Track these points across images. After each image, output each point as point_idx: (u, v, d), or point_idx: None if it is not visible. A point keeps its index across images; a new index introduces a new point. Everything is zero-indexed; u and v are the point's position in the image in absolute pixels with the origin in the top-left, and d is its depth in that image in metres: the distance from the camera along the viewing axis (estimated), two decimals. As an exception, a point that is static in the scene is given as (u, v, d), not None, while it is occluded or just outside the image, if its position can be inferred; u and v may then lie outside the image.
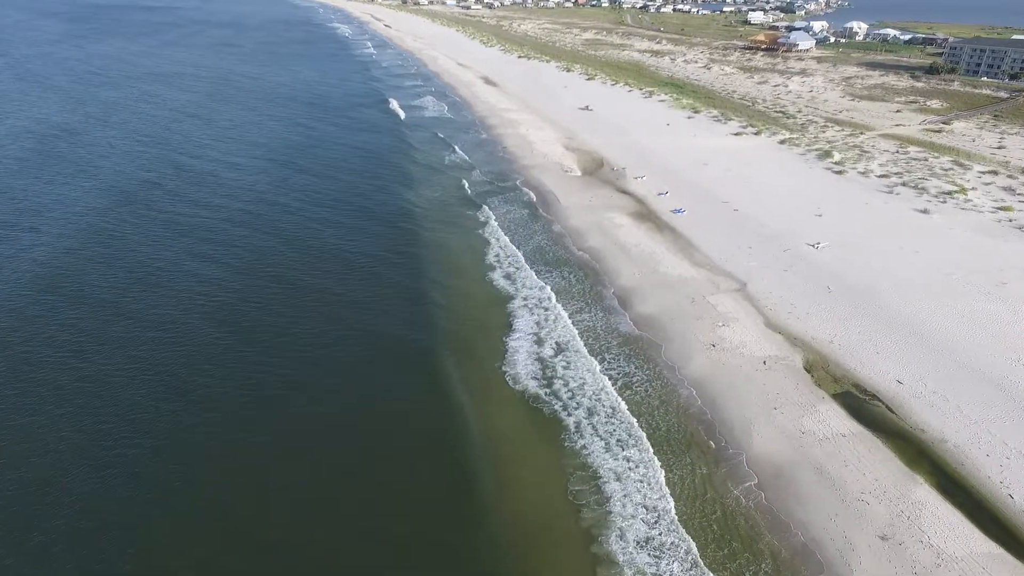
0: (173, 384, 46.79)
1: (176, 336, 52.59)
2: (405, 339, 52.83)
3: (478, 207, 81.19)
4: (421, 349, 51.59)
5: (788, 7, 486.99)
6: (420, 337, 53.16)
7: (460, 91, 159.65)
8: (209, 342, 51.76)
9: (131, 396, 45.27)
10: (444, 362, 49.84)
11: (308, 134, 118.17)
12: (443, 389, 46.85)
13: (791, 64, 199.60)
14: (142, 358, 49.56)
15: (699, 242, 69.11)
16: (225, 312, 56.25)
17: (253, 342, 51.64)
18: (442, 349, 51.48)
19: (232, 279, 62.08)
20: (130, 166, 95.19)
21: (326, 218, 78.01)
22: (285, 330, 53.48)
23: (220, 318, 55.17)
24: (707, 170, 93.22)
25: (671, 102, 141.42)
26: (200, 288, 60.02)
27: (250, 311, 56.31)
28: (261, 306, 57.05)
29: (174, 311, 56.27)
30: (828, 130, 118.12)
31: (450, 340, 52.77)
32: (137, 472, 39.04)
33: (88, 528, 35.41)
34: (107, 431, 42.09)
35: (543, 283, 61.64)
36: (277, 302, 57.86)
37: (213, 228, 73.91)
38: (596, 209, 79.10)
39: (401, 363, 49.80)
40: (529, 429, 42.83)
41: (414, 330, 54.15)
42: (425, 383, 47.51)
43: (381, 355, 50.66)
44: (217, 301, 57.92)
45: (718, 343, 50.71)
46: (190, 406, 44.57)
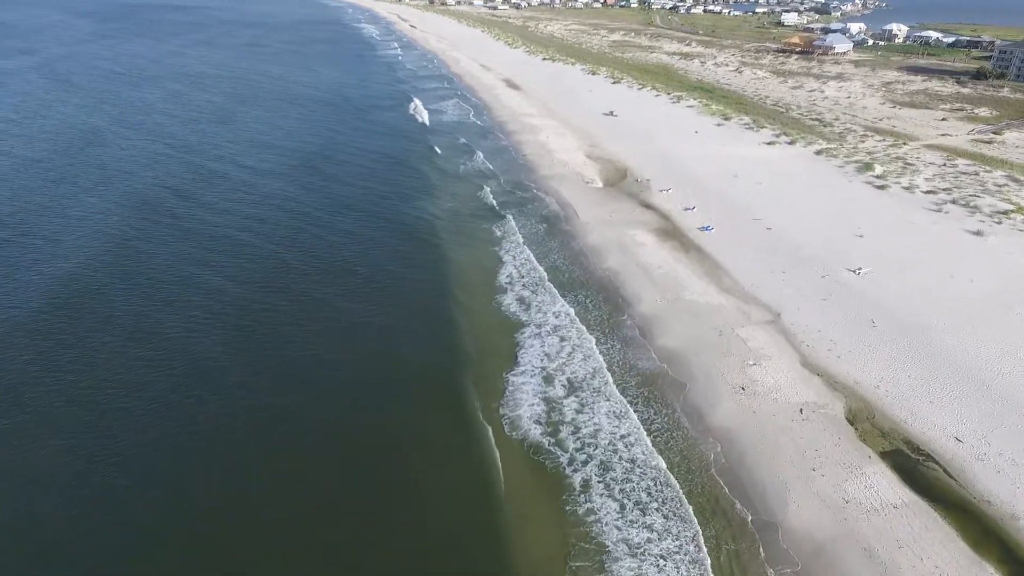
0: (181, 396, 43.66)
1: (185, 350, 49.89)
2: (402, 366, 48.47)
3: (492, 220, 76.59)
4: (416, 381, 47.18)
5: (823, 8, 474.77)
6: (417, 368, 48.73)
7: (481, 94, 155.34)
8: (210, 359, 48.29)
9: (135, 408, 41.82)
10: (436, 399, 45.30)
11: (330, 137, 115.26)
12: (441, 428, 42.38)
13: (827, 68, 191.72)
14: (148, 370, 46.54)
15: (728, 264, 63.63)
16: (228, 328, 52.83)
17: (247, 363, 47.77)
18: (437, 382, 46.98)
19: (239, 292, 58.98)
20: (153, 171, 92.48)
21: (341, 228, 74.73)
22: (276, 351, 49.57)
23: (222, 334, 51.63)
24: (737, 183, 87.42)
25: (700, 108, 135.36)
26: (205, 302, 57.08)
27: (251, 325, 52.73)
28: (258, 322, 53.24)
29: (180, 322, 53.80)
30: (868, 140, 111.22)
31: (450, 370, 48.27)
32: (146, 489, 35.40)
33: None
34: (113, 446, 38.73)
35: (557, 308, 56.82)
36: (278, 320, 54.00)
37: (229, 238, 71.00)
38: (617, 225, 73.97)
39: (393, 396, 45.45)
40: (530, 483, 38.05)
41: (412, 358, 49.76)
42: (418, 421, 43.09)
43: (379, 384, 46.39)
44: (221, 316, 54.49)
45: (748, 385, 45.39)
46: (192, 425, 40.91)
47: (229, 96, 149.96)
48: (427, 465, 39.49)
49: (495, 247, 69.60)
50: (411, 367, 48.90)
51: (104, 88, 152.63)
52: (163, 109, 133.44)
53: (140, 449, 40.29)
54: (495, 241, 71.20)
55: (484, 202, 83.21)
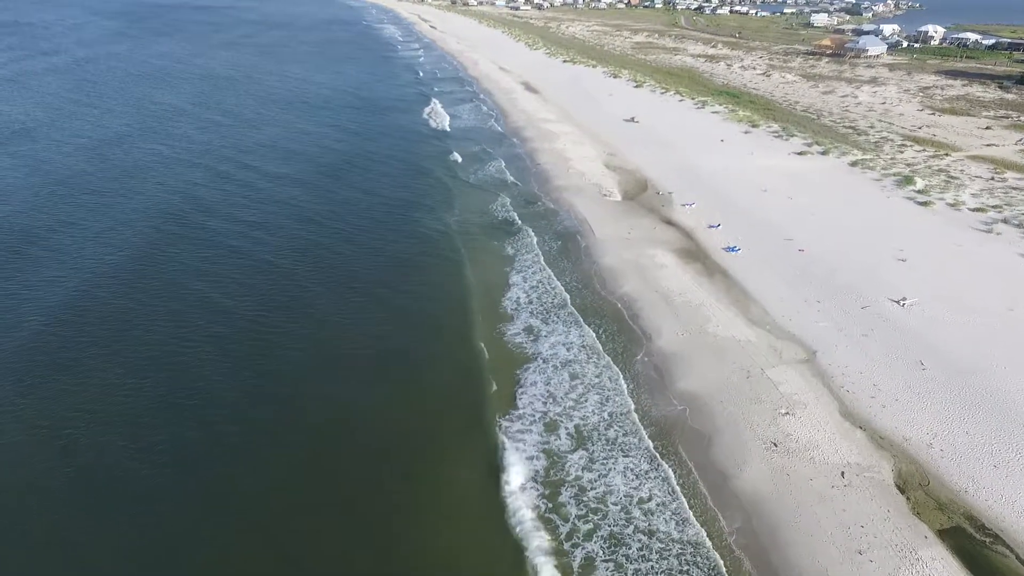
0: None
1: (183, 365, 46.98)
2: (392, 401, 43.86)
3: (501, 237, 71.66)
4: (403, 419, 42.50)
5: (853, 9, 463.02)
6: (404, 406, 44.05)
7: (498, 98, 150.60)
8: (201, 377, 44.41)
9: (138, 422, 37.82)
10: (416, 453, 40.46)
11: (349, 142, 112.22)
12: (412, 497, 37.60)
13: (860, 72, 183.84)
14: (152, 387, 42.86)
15: (757, 292, 58.00)
16: (212, 346, 48.88)
17: (221, 386, 43.49)
18: (424, 426, 42.22)
19: (231, 305, 55.60)
20: (175, 178, 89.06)
21: (350, 239, 71.08)
22: (250, 369, 45.25)
23: (207, 355, 47.58)
24: (766, 197, 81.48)
25: (726, 114, 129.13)
26: (203, 318, 53.66)
27: (230, 346, 48.41)
28: (233, 340, 48.98)
29: (187, 333, 51.71)
30: (906, 150, 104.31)
31: (439, 413, 43.52)
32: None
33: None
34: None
35: (568, 339, 51.75)
36: (257, 337, 49.72)
37: (236, 250, 67.45)
38: (636, 244, 68.62)
39: (370, 441, 40.78)
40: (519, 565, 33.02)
41: (395, 396, 45.09)
42: (398, 467, 38.39)
43: (358, 427, 41.80)
44: (209, 334, 50.71)
45: (781, 440, 39.91)
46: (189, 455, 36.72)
47: (253, 98, 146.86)
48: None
49: (503, 266, 64.66)
50: (394, 406, 44.22)
51: (128, 91, 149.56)
52: (189, 112, 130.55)
53: (148, 459, 36.79)
54: (503, 260, 66.25)
55: (494, 216, 78.31)
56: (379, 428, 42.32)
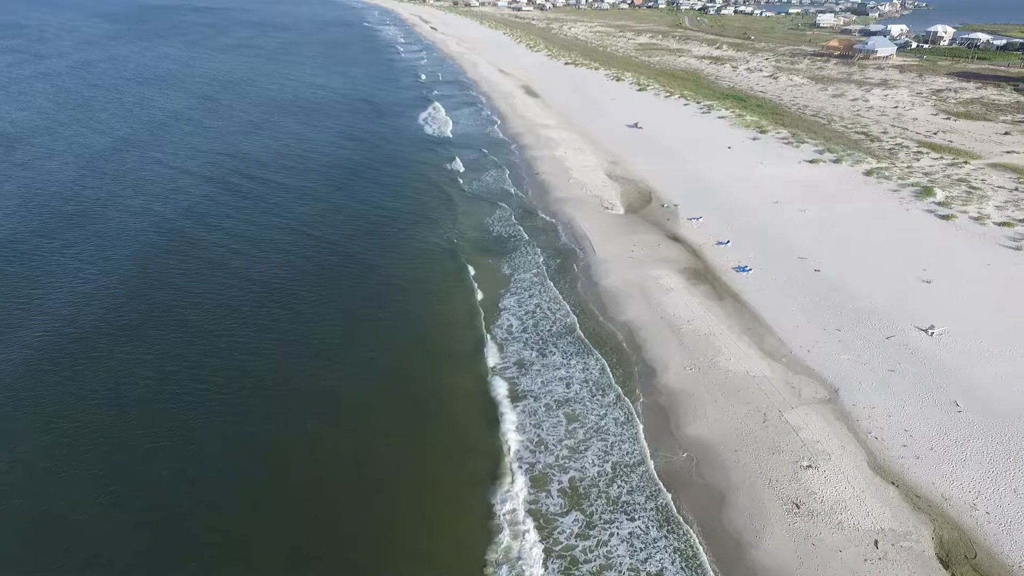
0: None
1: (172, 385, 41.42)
2: (354, 448, 39.49)
3: (494, 255, 67.08)
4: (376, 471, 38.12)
5: (860, 9, 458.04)
6: (374, 449, 39.65)
7: (497, 102, 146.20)
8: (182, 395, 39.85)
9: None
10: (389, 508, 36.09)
11: (342, 147, 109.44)
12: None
13: (869, 74, 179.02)
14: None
15: (771, 319, 53.40)
16: (191, 373, 44.33)
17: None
18: (396, 476, 37.84)
19: (204, 326, 50.57)
20: (175, 189, 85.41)
21: (344, 251, 68.16)
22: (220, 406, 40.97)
23: (187, 382, 43.14)
24: (778, 211, 76.88)
25: (733, 119, 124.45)
26: (183, 345, 48.60)
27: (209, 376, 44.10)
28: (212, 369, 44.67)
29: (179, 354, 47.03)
30: (923, 157, 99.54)
31: (417, 458, 39.12)
32: None
33: None
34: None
35: (563, 373, 47.27)
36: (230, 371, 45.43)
37: (226, 265, 64.14)
38: (639, 263, 64.07)
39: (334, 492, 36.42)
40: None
41: (367, 434, 40.72)
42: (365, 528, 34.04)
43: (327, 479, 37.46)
44: (189, 363, 46.01)
45: (804, 500, 35.35)
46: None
47: (252, 102, 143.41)
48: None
49: (496, 288, 60.12)
50: (367, 446, 39.84)
51: (124, 96, 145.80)
52: (185, 117, 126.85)
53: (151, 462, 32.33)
54: (497, 280, 61.74)
55: (489, 231, 73.78)
56: (336, 478, 37.94)
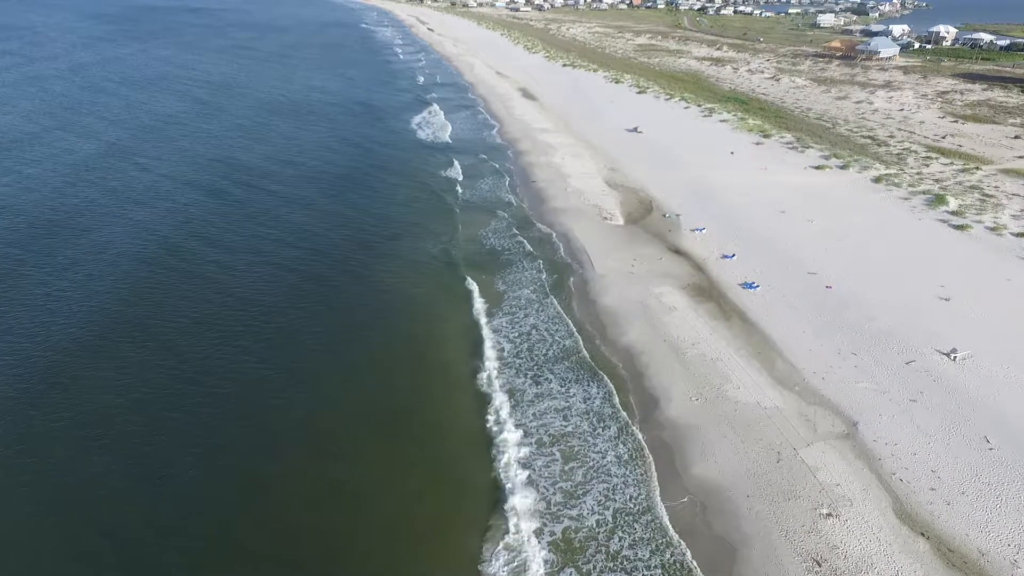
0: None
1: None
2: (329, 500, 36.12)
3: (489, 271, 63.55)
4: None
5: (860, 9, 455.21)
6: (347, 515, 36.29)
7: (494, 106, 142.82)
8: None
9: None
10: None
11: (334, 151, 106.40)
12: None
13: (873, 75, 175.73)
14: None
15: (782, 341, 50.03)
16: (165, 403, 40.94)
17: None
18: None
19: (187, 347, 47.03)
20: (163, 201, 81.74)
21: (335, 262, 65.02)
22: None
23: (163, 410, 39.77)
24: (784, 221, 73.56)
25: (735, 122, 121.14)
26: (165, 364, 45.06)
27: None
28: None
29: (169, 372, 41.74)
30: (932, 163, 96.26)
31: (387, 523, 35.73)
32: None
33: None
34: None
35: (558, 405, 43.88)
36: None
37: (220, 282, 60.87)
38: (640, 279, 60.67)
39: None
40: None
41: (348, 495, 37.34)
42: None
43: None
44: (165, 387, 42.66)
45: (826, 556, 31.97)
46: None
47: (247, 106, 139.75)
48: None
49: (489, 306, 56.68)
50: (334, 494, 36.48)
51: (119, 100, 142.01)
52: (180, 122, 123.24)
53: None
54: (490, 298, 58.23)
55: (481, 244, 70.33)
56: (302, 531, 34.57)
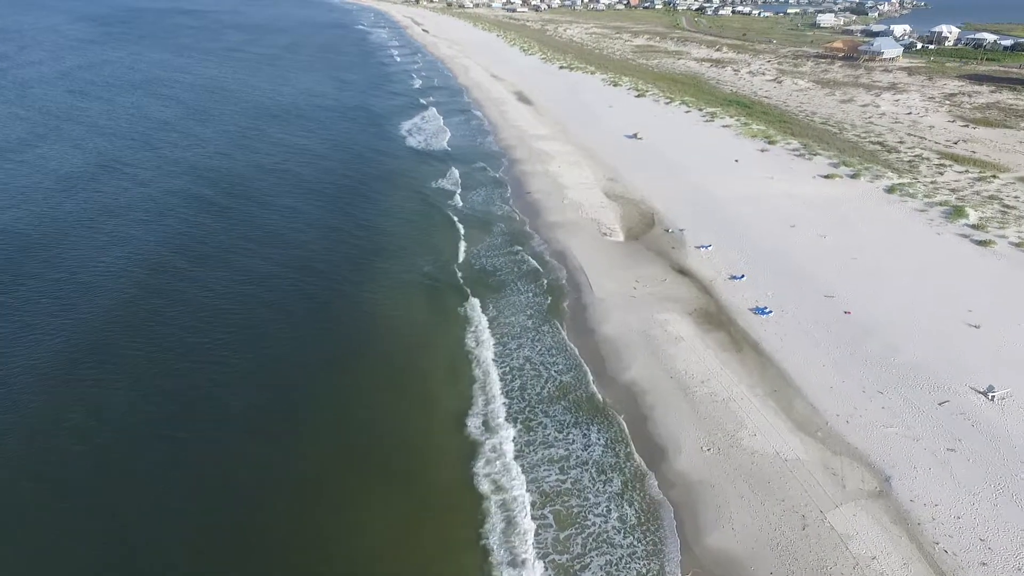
0: None
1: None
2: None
3: (478, 294, 58.99)
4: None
5: (859, 8, 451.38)
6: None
7: (488, 110, 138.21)
8: None
9: None
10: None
11: (320, 158, 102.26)
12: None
13: (876, 77, 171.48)
14: None
15: (799, 377, 45.50)
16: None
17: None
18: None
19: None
20: (145, 214, 77.26)
21: (316, 280, 58.99)
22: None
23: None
24: (795, 236, 69.07)
25: (738, 127, 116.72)
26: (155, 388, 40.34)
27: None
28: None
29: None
30: (946, 171, 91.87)
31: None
32: None
33: None
34: None
35: (554, 455, 39.29)
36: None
37: (203, 304, 56.16)
38: (642, 304, 56.09)
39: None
40: None
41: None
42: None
43: None
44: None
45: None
46: None
47: (239, 112, 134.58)
48: None
49: (477, 335, 52.07)
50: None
51: (110, 104, 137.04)
52: (172, 128, 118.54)
53: None
54: (479, 326, 53.57)
55: (472, 265, 65.36)
56: None
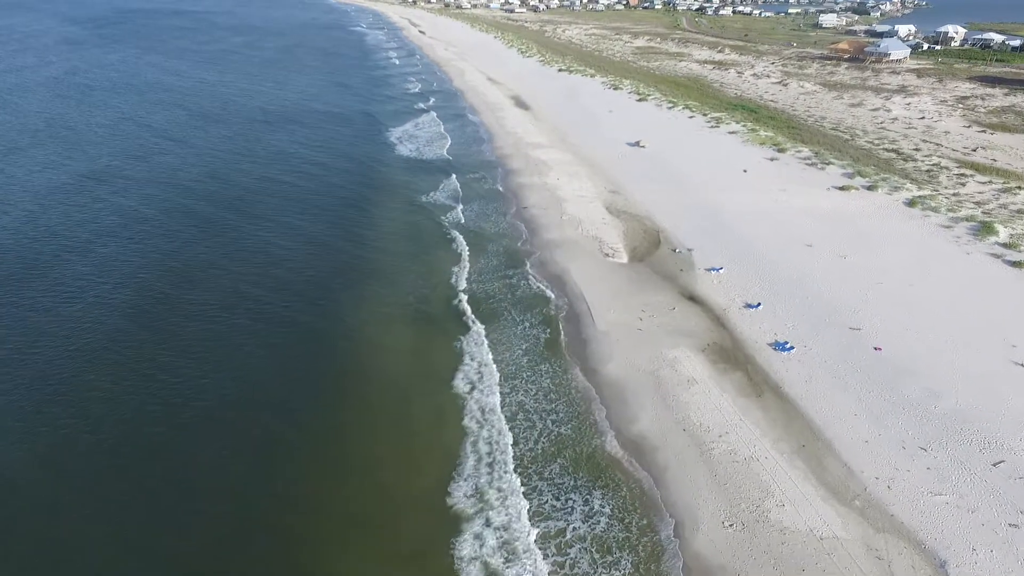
0: None
1: None
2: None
3: (469, 327, 53.68)
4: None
5: (861, 8, 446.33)
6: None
7: (484, 116, 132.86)
8: None
9: None
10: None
11: (308, 167, 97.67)
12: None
13: (885, 79, 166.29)
14: None
15: (829, 428, 40.24)
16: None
17: None
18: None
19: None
20: (129, 229, 73.28)
21: (299, 305, 52.95)
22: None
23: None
24: (812, 257, 63.84)
25: (745, 134, 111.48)
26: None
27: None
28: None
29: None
30: (968, 181, 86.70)
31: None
32: None
33: None
34: None
35: (551, 526, 34.05)
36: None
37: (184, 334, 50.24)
38: (650, 338, 50.82)
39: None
40: None
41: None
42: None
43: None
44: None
45: None
46: None
47: (231, 117, 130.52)
48: None
49: (468, 375, 46.88)
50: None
51: (118, 111, 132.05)
52: (171, 137, 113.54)
53: None
54: (469, 364, 48.33)
55: (459, 294, 59.34)
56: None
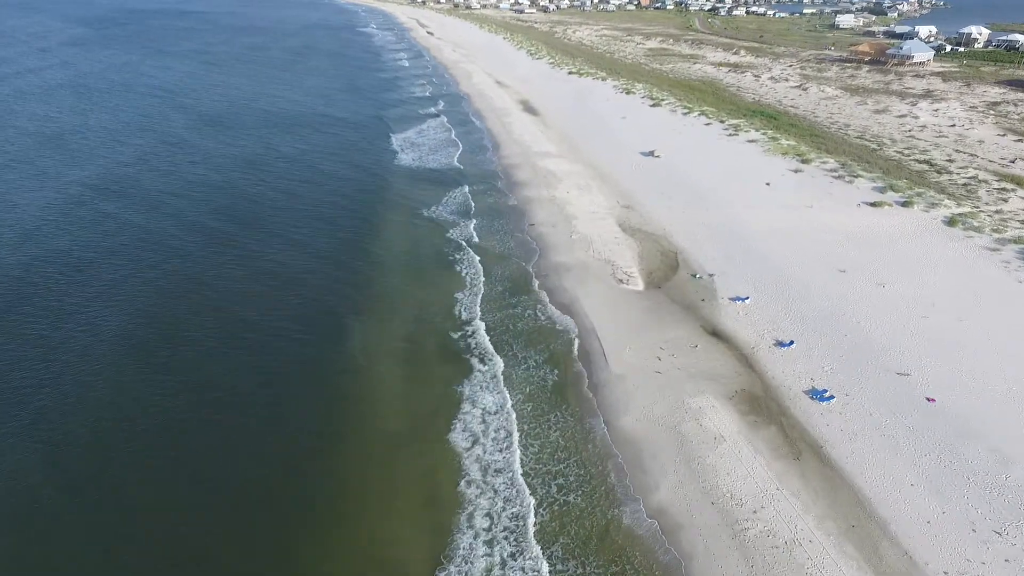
0: None
1: None
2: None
3: (468, 369, 48.34)
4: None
5: (877, 8, 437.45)
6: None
7: (491, 122, 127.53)
8: None
9: None
10: None
11: (306, 178, 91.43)
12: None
13: (909, 83, 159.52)
14: None
15: (882, 503, 34.56)
16: None
17: None
18: None
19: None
20: (169, 250, 68.90)
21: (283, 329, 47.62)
22: None
23: None
24: (847, 284, 58.02)
25: (765, 143, 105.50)
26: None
27: None
28: None
29: None
30: (1010, 196, 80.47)
31: None
32: None
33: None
34: None
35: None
36: None
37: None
38: (671, 383, 45.25)
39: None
40: None
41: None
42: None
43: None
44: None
45: None
46: None
47: (246, 124, 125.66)
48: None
49: (463, 431, 41.57)
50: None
51: (129, 117, 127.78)
52: (181, 146, 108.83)
53: None
54: (466, 413, 43.06)
55: (457, 326, 54.33)
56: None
